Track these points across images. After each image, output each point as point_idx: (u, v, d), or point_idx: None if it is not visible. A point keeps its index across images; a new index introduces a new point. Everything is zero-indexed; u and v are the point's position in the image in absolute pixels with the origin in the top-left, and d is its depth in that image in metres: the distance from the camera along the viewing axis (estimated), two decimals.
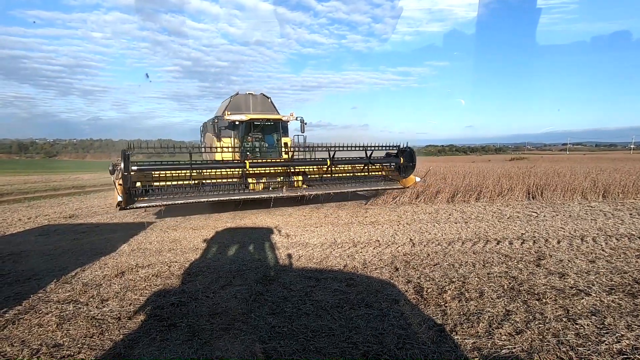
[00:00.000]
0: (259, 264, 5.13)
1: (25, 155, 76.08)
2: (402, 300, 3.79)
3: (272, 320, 3.42)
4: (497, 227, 7.04)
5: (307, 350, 2.89)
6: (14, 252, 6.03)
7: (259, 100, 10.77)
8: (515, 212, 8.64)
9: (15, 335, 3.23)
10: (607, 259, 5.02)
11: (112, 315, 3.58)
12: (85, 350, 2.98)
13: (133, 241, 6.63)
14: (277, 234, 6.92)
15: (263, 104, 10.85)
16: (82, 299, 4.01)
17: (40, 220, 8.85)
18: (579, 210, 8.63)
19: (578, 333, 3.05)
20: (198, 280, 4.52)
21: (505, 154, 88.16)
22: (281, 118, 10.16)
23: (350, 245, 6.03)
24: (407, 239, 6.35)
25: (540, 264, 4.85)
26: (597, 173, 13.84)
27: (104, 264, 5.32)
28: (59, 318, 3.54)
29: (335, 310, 3.58)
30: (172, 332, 3.22)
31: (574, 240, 5.99)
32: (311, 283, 4.32)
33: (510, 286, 4.10)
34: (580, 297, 3.74)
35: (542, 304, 3.61)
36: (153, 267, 5.07)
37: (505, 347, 2.87)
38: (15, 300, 4.00)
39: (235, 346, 2.98)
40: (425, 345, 2.92)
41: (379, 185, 9.49)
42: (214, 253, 5.79)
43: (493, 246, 5.78)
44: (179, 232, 7.28)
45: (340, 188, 8.99)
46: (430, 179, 12.52)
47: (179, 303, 3.82)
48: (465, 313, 3.47)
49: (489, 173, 14.60)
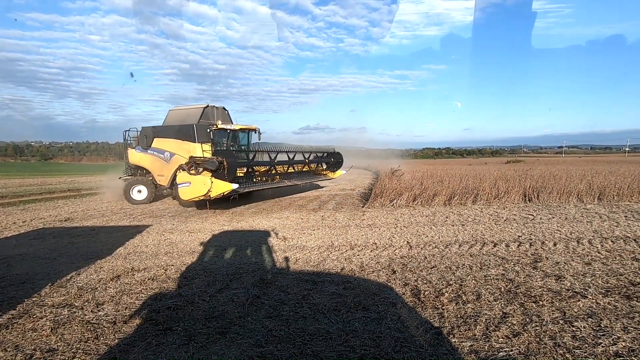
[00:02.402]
0: (255, 267, 5.12)
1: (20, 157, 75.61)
2: (399, 303, 3.78)
3: (269, 323, 3.40)
4: (493, 230, 7.06)
5: (304, 354, 2.88)
6: (9, 255, 5.98)
7: (220, 112, 12.33)
8: (512, 214, 8.68)
9: (9, 340, 3.19)
10: (603, 261, 5.04)
11: (107, 320, 3.55)
12: (80, 355, 2.95)
13: (129, 244, 6.59)
14: (274, 237, 6.90)
15: (224, 115, 12.49)
16: (77, 303, 3.98)
17: (36, 224, 8.78)
18: (575, 213, 8.68)
19: (575, 335, 3.06)
20: (194, 283, 4.49)
21: (502, 156, 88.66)
22: (254, 128, 12.71)
23: (347, 248, 6.03)
24: (404, 241, 6.35)
25: (537, 266, 4.86)
26: (593, 176, 13.94)
27: (99, 267, 5.28)
28: (54, 322, 3.50)
29: (332, 313, 3.57)
30: (168, 336, 3.19)
31: (570, 243, 6.01)
32: (308, 286, 4.31)
33: (507, 289, 4.11)
34: (577, 300, 3.76)
35: (538, 307, 3.62)
36: (149, 271, 5.04)
37: (502, 349, 2.88)
38: (9, 304, 3.95)
39: (231, 350, 2.96)
40: (423, 348, 2.91)
41: (317, 178, 13.73)
42: (210, 256, 5.77)
43: (490, 249, 5.80)
44: (175, 235, 7.24)
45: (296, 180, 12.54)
46: (427, 181, 12.68)
47: (175, 307, 3.80)
48: (463, 316, 3.47)
49: (485, 176, 14.67)
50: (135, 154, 12.20)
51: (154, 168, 11.84)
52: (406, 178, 14.59)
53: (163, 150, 11.55)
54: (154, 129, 11.75)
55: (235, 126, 12.05)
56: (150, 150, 11.74)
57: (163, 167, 11.61)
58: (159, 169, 11.72)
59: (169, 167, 11.47)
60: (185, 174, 9.60)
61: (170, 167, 11.44)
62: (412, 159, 64.40)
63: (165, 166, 11.55)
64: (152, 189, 11.91)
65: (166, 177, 11.60)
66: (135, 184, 12.00)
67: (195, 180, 9.33)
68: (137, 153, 12.12)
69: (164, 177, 11.69)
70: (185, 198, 9.79)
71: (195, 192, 9.32)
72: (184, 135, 11.20)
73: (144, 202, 11.80)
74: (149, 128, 11.85)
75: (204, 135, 11.09)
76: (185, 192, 9.54)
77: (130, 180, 12.20)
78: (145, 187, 11.90)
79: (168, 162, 11.46)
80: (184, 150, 11.13)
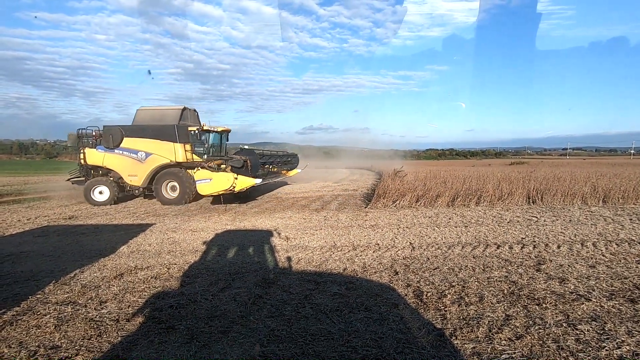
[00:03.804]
0: (258, 267, 5.12)
1: (25, 155, 76.01)
2: (401, 304, 3.78)
3: (271, 323, 3.40)
4: (497, 232, 7.03)
5: (306, 354, 2.88)
6: (13, 252, 6.03)
7: (193, 114, 12.83)
8: (515, 216, 8.64)
9: (13, 337, 3.22)
10: (607, 264, 5.01)
11: (110, 317, 3.57)
12: (83, 352, 2.97)
13: (132, 243, 6.62)
14: (277, 237, 6.91)
15: (194, 117, 12.88)
16: (81, 301, 4.00)
17: (40, 221, 8.84)
18: (579, 215, 8.62)
19: (578, 338, 3.04)
20: (197, 282, 4.51)
21: (506, 158, 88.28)
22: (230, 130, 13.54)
23: (349, 248, 6.02)
24: (406, 242, 6.34)
25: (540, 268, 4.84)
26: (598, 178, 13.85)
27: (103, 265, 5.31)
28: (57, 319, 3.52)
29: (334, 313, 3.57)
30: (171, 335, 3.20)
31: (574, 245, 5.98)
32: (310, 286, 4.31)
33: (510, 291, 4.09)
34: (581, 303, 3.73)
35: (542, 309, 3.60)
36: (152, 269, 5.06)
37: (505, 352, 2.86)
38: (13, 301, 3.98)
39: (234, 349, 2.96)
40: (425, 349, 2.91)
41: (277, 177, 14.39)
42: (213, 255, 5.78)
43: (493, 250, 5.77)
44: (178, 234, 7.27)
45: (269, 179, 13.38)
46: (430, 182, 12.68)
47: (177, 305, 3.81)
48: (465, 317, 3.46)
49: (489, 177, 14.61)
50: (96, 154, 11.82)
51: (123, 168, 11.68)
52: (409, 179, 14.57)
53: (136, 150, 11.51)
54: (122, 129, 11.59)
55: (218, 128, 12.66)
56: (119, 150, 11.59)
57: (136, 166, 11.57)
58: (129, 169, 11.63)
59: (144, 167, 11.49)
60: (205, 171, 10.54)
61: (146, 167, 11.48)
62: (415, 160, 64.30)
63: (138, 166, 11.54)
64: (114, 190, 11.60)
65: (140, 177, 11.58)
66: (96, 185, 11.62)
67: (218, 176, 10.32)
68: (98, 153, 11.77)
69: (137, 177, 11.62)
70: (205, 193, 10.72)
71: (216, 187, 10.34)
72: (165, 136, 11.37)
73: (105, 204, 11.47)
74: (115, 127, 11.62)
75: (184, 136, 11.41)
76: (204, 187, 10.49)
77: (90, 181, 11.73)
78: (107, 187, 11.59)
79: (143, 161, 11.49)
80: (164, 150, 11.36)
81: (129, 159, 11.57)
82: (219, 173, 10.47)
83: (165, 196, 11.43)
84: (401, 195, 10.68)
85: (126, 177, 11.72)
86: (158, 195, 11.46)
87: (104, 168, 11.92)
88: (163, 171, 11.51)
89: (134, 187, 11.79)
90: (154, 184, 11.46)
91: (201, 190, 10.60)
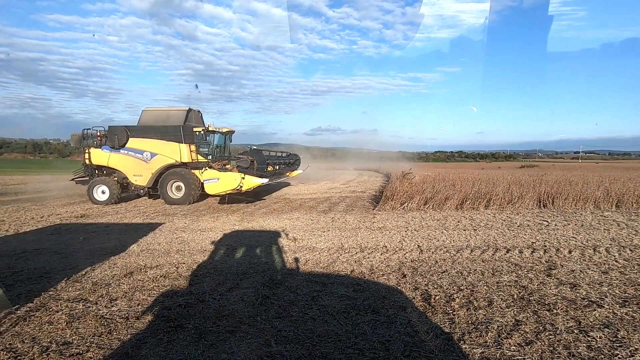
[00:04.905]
0: (265, 267, 5.15)
1: (39, 155, 77.58)
2: (409, 307, 3.75)
3: (278, 324, 3.42)
4: (506, 235, 6.94)
5: (313, 355, 2.88)
6: (27, 250, 6.16)
7: (197, 115, 13.00)
8: (526, 220, 8.52)
9: (26, 332, 3.29)
10: (620, 270, 4.90)
11: (120, 315, 3.63)
12: (94, 349, 3.02)
13: (142, 242, 6.71)
14: (285, 238, 6.93)
15: (198, 118, 13.08)
16: (92, 298, 4.07)
17: (53, 220, 9.01)
18: (592, 220, 8.46)
19: (590, 345, 2.98)
20: (205, 282, 4.55)
21: (516, 161, 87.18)
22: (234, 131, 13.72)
23: (357, 250, 6.01)
24: (414, 245, 6.30)
25: (551, 273, 4.76)
26: (611, 182, 13.59)
27: (113, 263, 5.39)
28: (69, 316, 3.59)
29: (341, 315, 3.57)
30: (179, 333, 3.24)
31: (586, 251, 5.87)
32: (318, 288, 4.32)
33: (520, 296, 4.03)
34: (593, 309, 3.66)
35: (552, 315, 3.54)
36: (161, 268, 5.12)
37: (514, 357, 2.82)
38: (27, 297, 4.07)
39: (241, 349, 2.98)
40: (433, 353, 2.88)
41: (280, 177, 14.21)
42: (221, 255, 5.83)
43: (502, 254, 5.70)
44: (187, 234, 7.34)
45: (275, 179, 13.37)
46: (438, 185, 12.57)
47: (186, 304, 3.85)
48: (474, 322, 3.42)
49: (498, 180, 14.44)
50: (101, 154, 11.90)
51: (128, 168, 11.78)
52: (417, 181, 14.48)
53: (141, 150, 11.62)
54: (128, 129, 11.71)
55: (222, 129, 12.82)
56: (124, 150, 11.71)
57: (141, 167, 11.67)
58: (134, 169, 11.74)
59: (149, 167, 11.59)
60: (213, 171, 10.90)
61: (151, 167, 11.58)
62: (423, 162, 63.88)
63: (143, 166, 11.65)
64: (116, 189, 11.67)
65: (145, 177, 11.67)
66: (99, 184, 11.74)
67: (226, 176, 10.60)
68: (104, 153, 11.86)
69: (142, 177, 11.72)
70: (212, 192, 11.03)
71: (224, 186, 10.65)
72: (170, 136, 11.49)
73: (107, 203, 11.56)
74: (120, 128, 11.72)
75: (190, 137, 11.55)
76: (212, 187, 10.84)
77: (93, 181, 11.84)
78: (108, 187, 11.67)
79: (148, 162, 11.59)
80: (169, 150, 11.48)
81: (134, 159, 11.70)
82: (227, 173, 10.69)
83: (170, 196, 11.52)
84: (409, 197, 10.62)
85: (131, 177, 11.85)
86: (163, 195, 11.56)
87: (109, 168, 12.05)
88: (168, 171, 11.62)
89: (138, 187, 11.91)
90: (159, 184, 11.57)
91: (209, 189, 10.87)
